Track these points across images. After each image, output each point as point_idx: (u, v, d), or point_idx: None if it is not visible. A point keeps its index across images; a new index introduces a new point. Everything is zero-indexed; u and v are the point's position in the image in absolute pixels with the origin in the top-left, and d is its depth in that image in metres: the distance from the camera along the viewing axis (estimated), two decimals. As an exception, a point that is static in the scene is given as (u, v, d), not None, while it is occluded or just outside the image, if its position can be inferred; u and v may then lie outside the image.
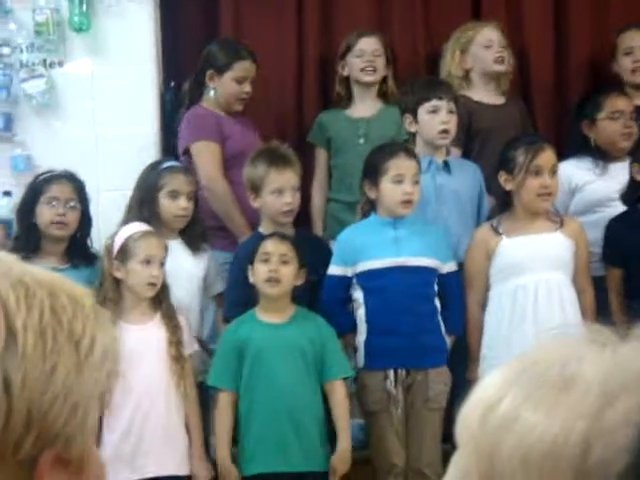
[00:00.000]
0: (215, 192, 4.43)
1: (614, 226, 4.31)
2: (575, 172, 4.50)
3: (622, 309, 4.24)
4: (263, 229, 4.21)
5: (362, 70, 4.77)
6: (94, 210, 4.36)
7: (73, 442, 0.93)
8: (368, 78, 4.79)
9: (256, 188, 4.19)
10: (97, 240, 4.30)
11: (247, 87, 4.63)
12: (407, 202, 4.05)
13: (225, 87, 4.62)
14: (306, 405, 3.94)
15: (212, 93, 4.64)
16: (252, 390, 3.93)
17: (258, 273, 3.95)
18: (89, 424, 0.94)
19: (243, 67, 4.62)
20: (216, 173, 4.49)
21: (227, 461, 3.94)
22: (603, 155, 4.57)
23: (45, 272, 1.00)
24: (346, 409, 4.00)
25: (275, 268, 3.92)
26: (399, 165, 4.05)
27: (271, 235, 4.05)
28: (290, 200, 4.17)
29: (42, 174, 4.28)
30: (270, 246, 3.96)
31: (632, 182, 4.29)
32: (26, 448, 0.90)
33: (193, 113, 4.63)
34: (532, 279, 4.09)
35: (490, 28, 4.82)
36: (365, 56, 4.76)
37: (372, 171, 4.07)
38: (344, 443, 3.96)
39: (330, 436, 3.99)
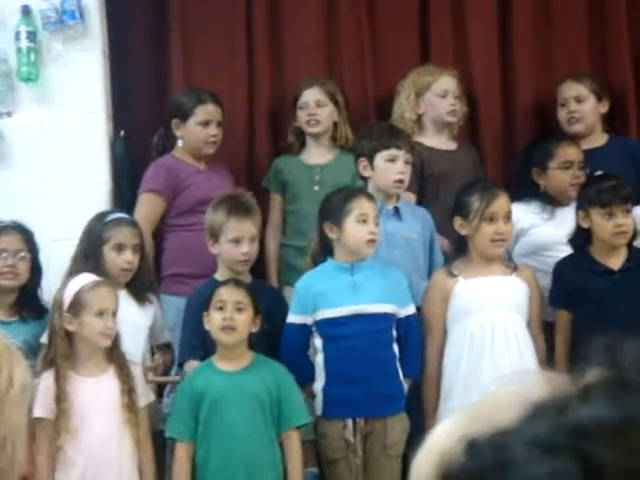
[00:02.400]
0: None
1: (561, 268, 4.34)
2: (521, 216, 4.53)
3: (567, 351, 4.25)
4: (219, 276, 4.20)
5: (307, 122, 4.81)
6: (44, 260, 4.33)
7: (5, 477, 0.92)
8: (312, 130, 4.83)
9: (215, 235, 4.20)
10: (46, 291, 4.27)
11: (213, 130, 4.67)
12: (371, 242, 4.06)
13: (191, 133, 4.65)
14: (262, 455, 3.90)
15: (179, 143, 4.67)
16: (208, 440, 3.90)
17: (213, 321, 3.93)
18: (18, 458, 0.93)
19: (205, 110, 4.65)
20: (144, 227, 4.44)
21: None
22: (552, 200, 4.62)
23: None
24: (300, 461, 3.97)
25: (230, 316, 3.90)
26: (363, 205, 4.07)
27: (226, 282, 4.04)
28: (247, 250, 4.17)
29: None
30: (225, 294, 3.95)
31: (578, 228, 4.33)
32: None
33: (158, 162, 4.67)
34: (489, 319, 4.11)
35: (447, 77, 4.86)
36: (307, 108, 4.80)
37: (334, 212, 4.07)
38: None
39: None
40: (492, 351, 4.08)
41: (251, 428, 3.89)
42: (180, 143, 4.70)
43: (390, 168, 4.32)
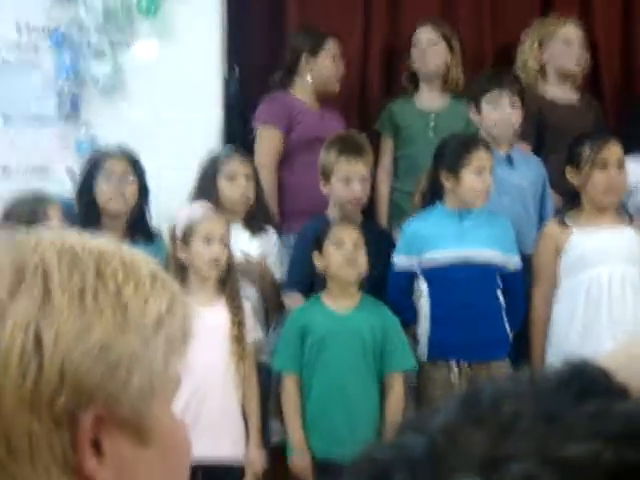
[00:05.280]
0: (262, 179, 4.44)
1: None
2: (635, 170, 4.46)
3: None
4: (330, 214, 4.22)
5: (418, 60, 4.77)
6: (156, 191, 4.39)
7: (116, 403, 0.94)
8: (423, 69, 4.79)
9: (326, 174, 4.21)
10: (158, 220, 4.33)
11: (341, 64, 4.71)
12: (484, 194, 4.05)
13: (322, 67, 4.68)
14: (360, 395, 3.93)
15: (309, 78, 4.68)
16: (310, 376, 3.94)
17: (332, 257, 3.95)
18: (135, 387, 0.94)
19: (334, 44, 4.70)
20: (265, 161, 4.52)
21: (301, 443, 3.93)
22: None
23: (107, 242, 1.02)
24: (401, 405, 3.98)
25: (352, 250, 3.93)
26: (481, 157, 4.05)
27: (342, 221, 4.06)
28: (358, 190, 4.18)
29: (96, 152, 4.36)
30: (342, 232, 3.98)
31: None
32: (61, 402, 0.92)
33: (272, 96, 4.69)
34: (605, 271, 4.06)
35: (571, 26, 4.79)
36: (420, 45, 4.76)
37: (451, 161, 4.05)
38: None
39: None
40: (610, 303, 4.04)
41: (352, 368, 3.92)
42: (309, 78, 4.69)
43: (494, 111, 4.30)
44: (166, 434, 0.99)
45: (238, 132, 4.78)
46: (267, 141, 4.61)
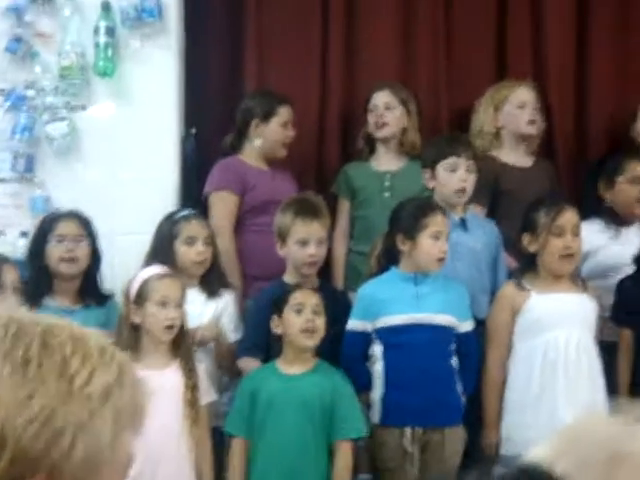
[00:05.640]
0: (219, 243, 4.43)
1: (625, 286, 4.31)
2: (586, 237, 4.50)
3: (630, 371, 4.23)
4: (287, 278, 4.22)
5: (375, 125, 4.82)
6: (109, 254, 4.38)
7: (60, 472, 0.93)
8: (379, 133, 4.84)
9: (283, 236, 4.22)
10: (112, 282, 4.31)
11: (291, 131, 4.72)
12: (441, 259, 4.06)
13: (272, 133, 4.69)
14: (306, 461, 3.90)
15: (258, 143, 4.70)
16: (258, 439, 3.92)
17: (291, 323, 3.93)
18: (80, 456, 0.94)
19: (286, 111, 4.71)
20: (223, 225, 4.53)
21: None
22: (616, 218, 4.58)
23: (55, 318, 1.03)
24: (348, 472, 3.95)
25: (312, 318, 3.93)
26: (438, 222, 4.07)
27: (300, 286, 4.06)
28: (314, 252, 4.19)
29: (48, 215, 4.35)
30: (302, 297, 3.97)
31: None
32: (2, 467, 0.91)
33: (223, 162, 4.71)
34: (562, 335, 4.07)
35: (525, 88, 4.85)
36: (376, 111, 4.81)
37: (408, 225, 4.07)
38: None
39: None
40: (566, 368, 4.05)
41: (299, 433, 3.90)
42: (258, 143, 4.71)
43: (451, 177, 4.32)
44: None
45: (195, 193, 4.78)
46: (223, 205, 4.61)
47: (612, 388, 4.14)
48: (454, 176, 4.33)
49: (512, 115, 4.82)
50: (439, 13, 5.11)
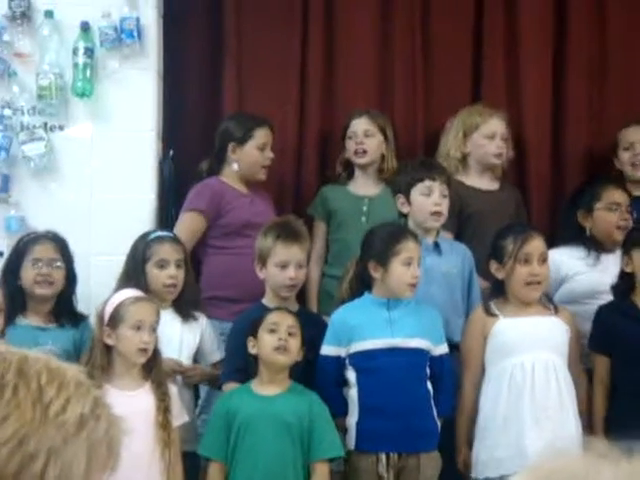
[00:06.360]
0: None
1: (604, 313, 4.32)
2: (565, 261, 4.52)
3: (606, 397, 4.23)
4: (267, 301, 4.22)
5: (355, 152, 4.83)
6: (85, 275, 4.38)
7: None
8: (359, 160, 4.86)
9: (263, 259, 4.22)
10: (87, 304, 4.31)
11: (269, 153, 4.72)
12: (413, 285, 4.06)
13: (248, 156, 4.68)
14: (284, 482, 3.90)
15: (235, 166, 4.69)
16: (236, 462, 3.90)
17: (265, 342, 3.94)
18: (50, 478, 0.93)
19: (263, 134, 4.70)
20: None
21: None
22: (597, 245, 4.59)
23: (35, 352, 1.02)
24: None
25: (285, 337, 3.93)
26: (410, 248, 4.07)
27: (277, 308, 4.07)
28: (293, 275, 4.19)
29: (25, 236, 4.33)
30: (277, 317, 3.99)
31: (623, 273, 4.31)
32: None
33: (201, 184, 4.71)
34: (529, 358, 4.09)
35: (497, 119, 4.87)
36: (356, 138, 4.82)
37: (379, 252, 4.06)
38: None
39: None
40: (532, 391, 4.07)
41: (277, 454, 3.89)
42: (236, 167, 4.71)
43: (426, 201, 4.34)
44: None
45: (172, 215, 4.77)
46: (188, 224, 4.60)
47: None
48: (429, 200, 4.34)
49: (480, 144, 4.85)
50: (416, 38, 5.15)
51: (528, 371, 4.08)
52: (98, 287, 4.29)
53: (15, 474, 0.93)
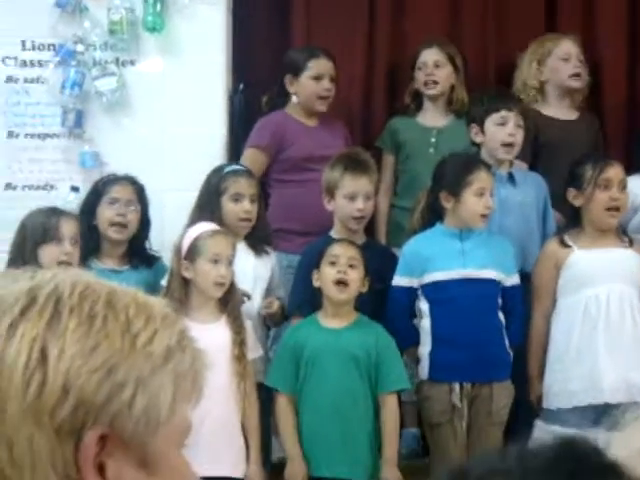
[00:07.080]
0: None
1: None
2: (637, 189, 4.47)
3: None
4: (334, 233, 4.24)
5: (425, 83, 4.79)
6: (158, 209, 4.41)
7: (120, 425, 0.97)
8: (430, 92, 4.82)
9: (331, 191, 4.23)
10: (160, 238, 4.35)
11: (326, 84, 4.67)
12: (485, 216, 4.05)
13: (304, 88, 4.67)
14: (354, 414, 3.93)
15: (294, 98, 4.69)
16: (304, 393, 3.96)
17: (325, 275, 3.96)
18: (140, 410, 0.98)
19: (318, 64, 4.66)
20: None
21: (298, 459, 3.94)
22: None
23: (122, 285, 1.07)
24: (395, 424, 3.98)
25: (344, 270, 3.94)
26: (482, 178, 4.06)
27: (339, 239, 4.08)
28: (362, 206, 4.19)
29: (104, 177, 4.38)
30: (338, 249, 3.99)
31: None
32: (64, 414, 0.96)
33: (265, 119, 4.71)
34: (604, 290, 4.08)
35: (569, 41, 4.80)
36: (426, 69, 4.78)
37: (452, 182, 4.05)
38: (388, 454, 3.94)
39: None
40: (607, 323, 4.06)
41: (345, 386, 3.93)
42: (295, 99, 4.71)
43: (500, 131, 4.30)
44: (173, 470, 1.02)
45: (242, 147, 4.78)
46: (250, 160, 4.59)
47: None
48: (503, 130, 4.32)
49: (556, 68, 4.78)
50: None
51: (603, 303, 4.07)
52: (171, 221, 4.32)
53: (104, 403, 0.96)
